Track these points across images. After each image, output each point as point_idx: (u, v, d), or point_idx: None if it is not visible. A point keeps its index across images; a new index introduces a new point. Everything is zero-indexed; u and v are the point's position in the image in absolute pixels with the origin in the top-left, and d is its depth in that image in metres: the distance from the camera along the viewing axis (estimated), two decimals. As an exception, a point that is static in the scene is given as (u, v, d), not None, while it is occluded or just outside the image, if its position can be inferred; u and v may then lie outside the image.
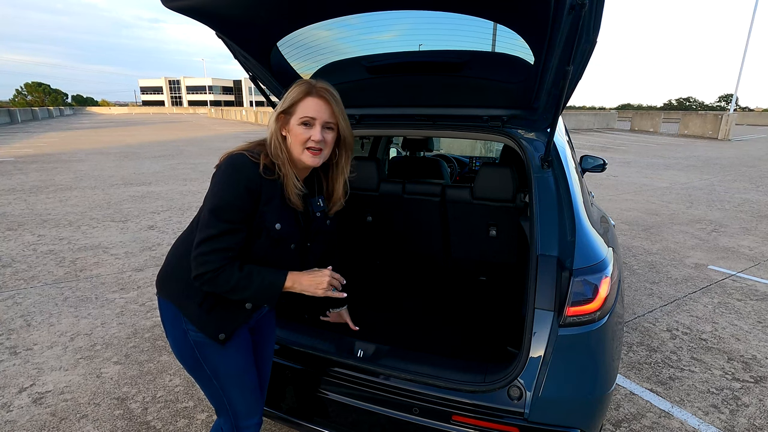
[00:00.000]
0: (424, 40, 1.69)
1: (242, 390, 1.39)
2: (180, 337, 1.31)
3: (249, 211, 1.20)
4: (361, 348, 1.66)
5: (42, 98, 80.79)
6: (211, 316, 1.27)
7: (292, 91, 1.25)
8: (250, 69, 1.86)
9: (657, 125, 26.36)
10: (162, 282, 1.35)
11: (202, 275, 1.17)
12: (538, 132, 1.92)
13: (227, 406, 1.39)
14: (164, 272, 1.35)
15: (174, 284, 1.31)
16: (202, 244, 1.17)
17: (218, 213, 1.16)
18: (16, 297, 3.56)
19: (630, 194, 8.02)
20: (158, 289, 1.36)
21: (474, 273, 2.82)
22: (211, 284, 1.19)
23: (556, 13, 1.20)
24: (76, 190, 7.69)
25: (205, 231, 1.17)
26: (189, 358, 1.33)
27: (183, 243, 1.32)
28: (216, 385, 1.35)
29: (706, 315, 3.41)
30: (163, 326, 1.35)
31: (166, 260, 1.37)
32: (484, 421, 1.40)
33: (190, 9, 1.40)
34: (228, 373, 1.35)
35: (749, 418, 2.29)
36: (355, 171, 1.48)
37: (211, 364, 1.32)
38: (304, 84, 1.25)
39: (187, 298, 1.27)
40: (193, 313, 1.27)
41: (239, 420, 1.41)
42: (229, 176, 1.17)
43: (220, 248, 1.16)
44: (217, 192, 1.17)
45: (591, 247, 1.51)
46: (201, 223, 1.19)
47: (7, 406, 2.30)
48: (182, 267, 1.26)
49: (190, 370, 1.36)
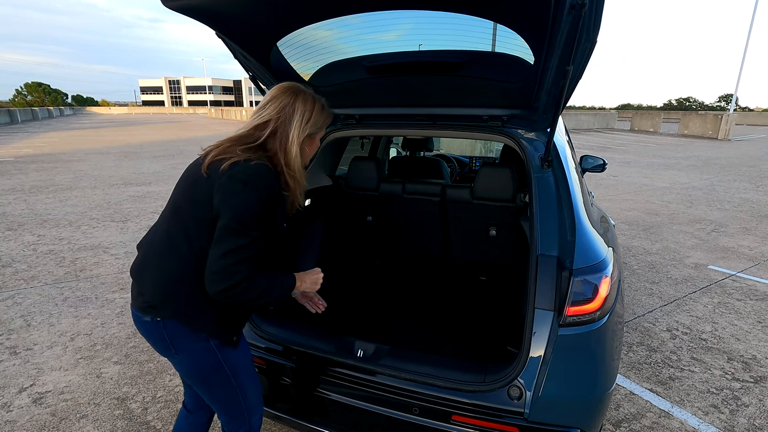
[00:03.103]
0: (424, 40, 1.69)
1: (254, 381, 1.45)
2: (198, 349, 1.28)
3: (268, 217, 1.25)
4: (361, 348, 1.66)
5: (42, 98, 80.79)
6: (224, 325, 1.30)
7: (321, 114, 1.36)
8: (250, 69, 1.86)
9: (657, 125, 26.36)
10: (163, 303, 1.25)
11: (233, 286, 1.16)
12: (538, 132, 1.92)
13: (243, 405, 1.41)
14: (164, 293, 1.25)
15: (180, 303, 1.25)
16: (229, 255, 1.16)
17: (247, 223, 1.18)
18: (16, 297, 3.56)
19: (630, 194, 8.02)
20: (156, 310, 1.25)
21: (474, 273, 2.82)
22: (243, 293, 1.19)
23: (556, 12, 1.20)
24: (76, 190, 7.69)
25: (232, 242, 1.16)
26: (208, 367, 1.31)
27: (181, 260, 1.23)
28: (234, 384, 1.37)
29: (706, 315, 3.41)
30: (172, 346, 1.28)
31: (157, 281, 1.25)
32: (484, 420, 1.40)
33: (190, 9, 1.40)
34: (245, 366, 1.41)
35: (749, 418, 2.29)
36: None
37: (231, 363, 1.35)
38: (318, 101, 1.36)
39: (198, 313, 1.25)
40: (206, 326, 1.27)
41: (251, 416, 1.46)
42: (254, 187, 1.19)
43: (248, 256, 1.19)
44: (244, 203, 1.18)
45: (591, 247, 1.51)
46: (225, 235, 1.16)
47: (7, 406, 2.30)
48: (187, 283, 1.22)
49: (204, 381, 1.35)
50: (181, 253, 1.22)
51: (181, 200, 1.26)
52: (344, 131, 2.22)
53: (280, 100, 1.30)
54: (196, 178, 1.24)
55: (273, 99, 1.32)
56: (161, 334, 1.27)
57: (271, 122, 1.28)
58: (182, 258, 1.22)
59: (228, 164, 1.18)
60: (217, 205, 1.18)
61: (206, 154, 1.25)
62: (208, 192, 1.20)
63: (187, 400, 1.60)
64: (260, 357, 1.72)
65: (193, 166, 1.29)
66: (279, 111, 1.29)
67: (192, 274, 1.21)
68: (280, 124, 1.29)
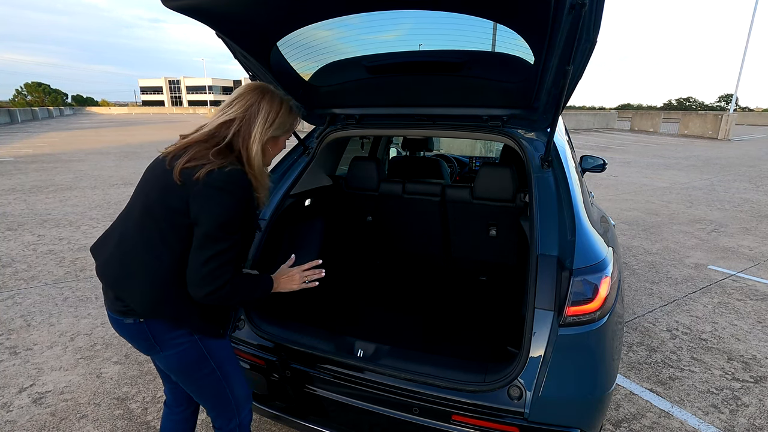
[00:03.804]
0: (424, 40, 1.69)
1: (239, 374, 1.47)
2: (183, 343, 1.30)
3: (246, 218, 1.27)
4: (361, 348, 1.66)
5: (42, 98, 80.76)
6: (211, 322, 1.33)
7: (288, 117, 1.36)
8: (250, 69, 1.85)
9: (657, 125, 26.36)
10: (152, 309, 1.24)
11: (218, 289, 1.18)
12: (538, 132, 1.92)
13: (230, 398, 1.43)
14: (152, 300, 1.23)
15: (170, 307, 1.25)
16: (211, 260, 1.17)
17: (227, 228, 1.20)
18: (16, 297, 3.56)
19: (630, 194, 8.02)
20: (147, 314, 1.25)
21: (474, 273, 2.82)
22: (229, 295, 1.21)
23: (556, 12, 1.20)
24: (76, 190, 7.69)
25: (213, 248, 1.18)
26: (194, 361, 1.33)
27: (165, 265, 1.22)
28: (220, 376, 1.39)
29: (706, 315, 3.41)
30: (156, 344, 1.28)
31: (145, 289, 1.23)
32: (484, 420, 1.40)
33: (190, 9, 1.40)
34: (229, 357, 1.43)
35: (749, 418, 2.29)
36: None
37: (215, 356, 1.37)
38: (286, 103, 1.36)
39: (186, 313, 1.27)
40: (195, 323, 1.29)
41: (241, 410, 1.47)
42: (231, 193, 1.20)
43: (230, 259, 1.21)
44: (224, 210, 1.19)
45: (591, 247, 1.51)
46: (206, 242, 1.18)
47: (7, 406, 2.30)
48: (174, 287, 1.22)
49: (191, 375, 1.36)
50: (164, 259, 1.22)
51: (154, 205, 1.23)
52: (344, 131, 2.22)
53: (247, 98, 1.30)
54: (167, 184, 1.21)
55: (239, 97, 1.31)
56: (145, 334, 1.28)
57: (236, 120, 1.27)
58: (165, 263, 1.22)
59: (203, 173, 1.17)
60: (196, 213, 1.18)
61: (173, 157, 1.22)
62: (183, 199, 1.19)
63: (168, 396, 1.61)
64: (260, 357, 1.72)
65: (159, 169, 1.25)
66: (244, 110, 1.28)
67: (177, 278, 1.22)
68: (244, 123, 1.28)
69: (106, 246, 1.32)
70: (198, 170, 1.17)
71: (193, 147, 1.24)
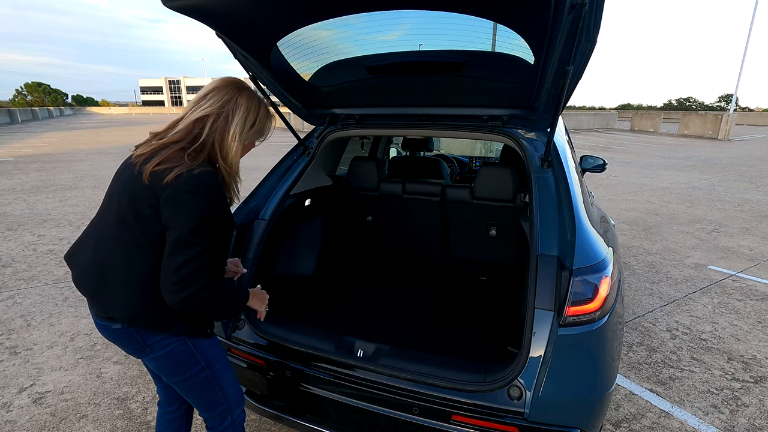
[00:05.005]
0: (425, 40, 1.69)
1: (230, 373, 1.47)
2: (172, 343, 1.29)
3: (218, 219, 1.23)
4: (361, 348, 1.66)
5: (42, 98, 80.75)
6: (195, 323, 1.32)
7: (268, 122, 1.37)
8: (250, 69, 1.85)
9: (657, 125, 26.36)
10: (135, 319, 1.24)
11: (195, 294, 1.16)
12: (538, 132, 1.92)
13: (221, 397, 1.43)
14: (134, 310, 1.22)
15: (152, 315, 1.24)
16: (185, 266, 1.14)
17: (199, 232, 1.16)
18: (16, 297, 3.56)
19: (630, 194, 8.02)
20: (129, 322, 1.24)
21: (474, 273, 2.82)
22: (206, 301, 1.18)
23: (556, 12, 1.20)
24: (76, 190, 7.69)
25: (186, 253, 1.14)
26: (183, 361, 1.32)
27: (143, 274, 1.20)
28: (210, 375, 1.38)
29: (706, 315, 3.41)
30: (146, 347, 1.27)
31: (126, 300, 1.22)
32: (484, 420, 1.40)
33: (190, 9, 1.40)
34: (218, 356, 1.42)
35: (749, 418, 2.29)
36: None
37: (205, 356, 1.36)
38: (265, 106, 1.35)
39: (168, 320, 1.25)
40: (179, 327, 1.28)
41: (233, 409, 1.47)
42: (202, 196, 1.16)
43: (204, 263, 1.18)
44: (195, 214, 1.15)
45: (591, 247, 1.51)
46: (178, 248, 1.14)
47: (7, 406, 2.30)
48: (155, 295, 1.21)
49: (181, 376, 1.35)
50: (141, 268, 1.20)
51: (126, 214, 1.19)
52: (344, 131, 2.22)
53: (223, 93, 1.25)
54: (135, 192, 1.18)
55: (215, 90, 1.26)
56: (134, 338, 1.26)
57: (211, 116, 1.23)
58: (143, 272, 1.20)
59: (172, 176, 1.13)
60: (167, 218, 1.15)
61: (144, 161, 1.18)
62: (152, 204, 1.16)
63: (161, 396, 1.61)
64: (260, 356, 1.72)
65: (127, 175, 1.22)
66: (221, 105, 1.24)
67: (156, 286, 1.19)
68: (221, 119, 1.23)
69: (82, 254, 1.29)
70: (167, 174, 1.13)
71: (168, 148, 1.20)
